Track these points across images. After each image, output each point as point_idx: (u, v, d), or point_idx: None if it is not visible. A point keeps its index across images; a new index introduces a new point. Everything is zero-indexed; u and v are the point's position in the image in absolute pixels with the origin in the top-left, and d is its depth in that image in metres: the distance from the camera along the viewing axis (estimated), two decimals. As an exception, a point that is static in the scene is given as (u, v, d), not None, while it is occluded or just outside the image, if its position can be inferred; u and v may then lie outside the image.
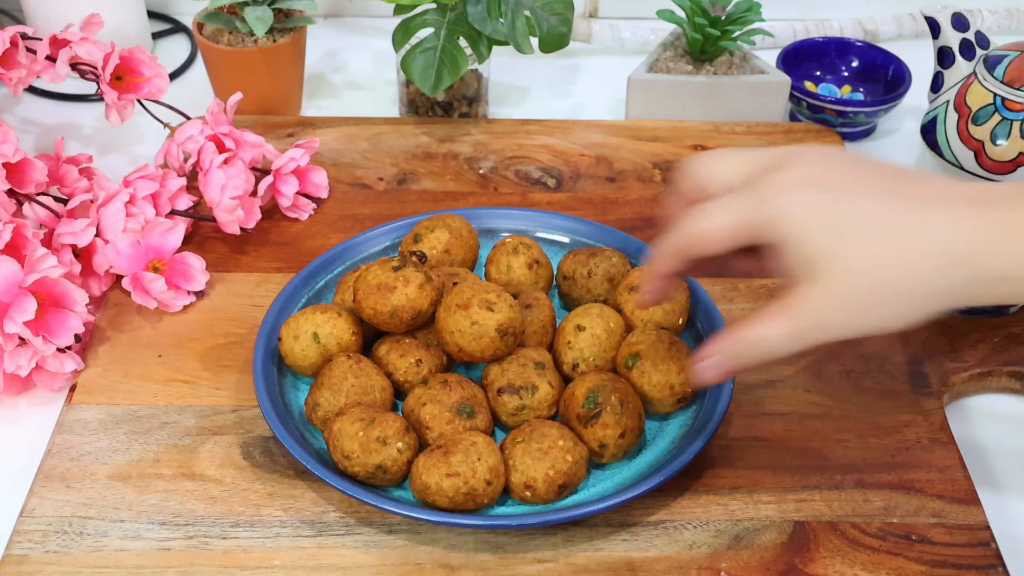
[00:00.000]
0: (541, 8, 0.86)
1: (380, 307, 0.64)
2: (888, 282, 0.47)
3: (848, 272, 0.48)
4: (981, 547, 0.60)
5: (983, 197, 0.48)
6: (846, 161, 0.51)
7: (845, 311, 0.48)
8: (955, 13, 0.87)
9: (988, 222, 0.47)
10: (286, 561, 0.59)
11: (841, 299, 0.48)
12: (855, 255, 0.47)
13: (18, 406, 0.70)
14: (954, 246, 0.47)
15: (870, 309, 0.48)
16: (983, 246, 0.46)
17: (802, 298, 0.49)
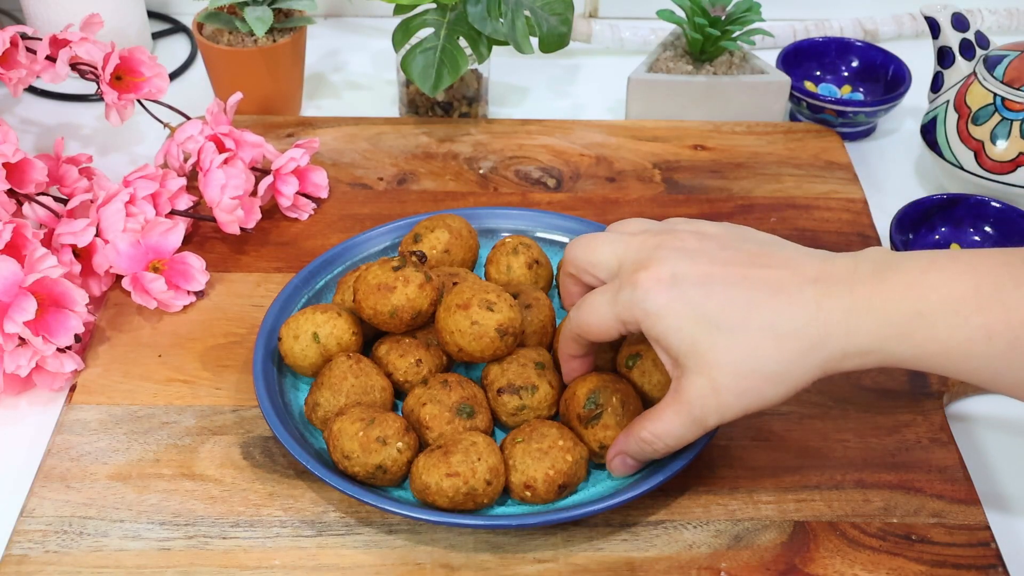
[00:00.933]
0: (541, 8, 0.86)
1: (380, 307, 0.64)
2: (755, 369, 0.52)
3: (718, 364, 0.52)
4: (981, 547, 0.60)
5: (826, 276, 0.52)
6: (707, 249, 0.55)
7: (724, 398, 0.53)
8: (955, 13, 0.87)
9: (837, 303, 0.51)
10: (286, 561, 0.59)
11: (718, 388, 0.53)
12: (722, 348, 0.52)
13: (18, 406, 0.70)
14: (810, 329, 0.51)
15: (744, 394, 0.53)
16: (837, 327, 0.51)
17: (684, 391, 0.54)
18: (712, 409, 0.54)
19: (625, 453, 0.58)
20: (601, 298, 0.57)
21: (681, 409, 0.54)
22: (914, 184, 0.91)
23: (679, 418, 0.55)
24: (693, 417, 0.54)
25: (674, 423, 0.55)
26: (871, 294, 0.51)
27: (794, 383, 0.52)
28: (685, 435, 0.55)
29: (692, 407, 0.54)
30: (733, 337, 0.52)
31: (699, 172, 0.88)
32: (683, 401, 0.54)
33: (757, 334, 0.52)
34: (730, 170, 0.88)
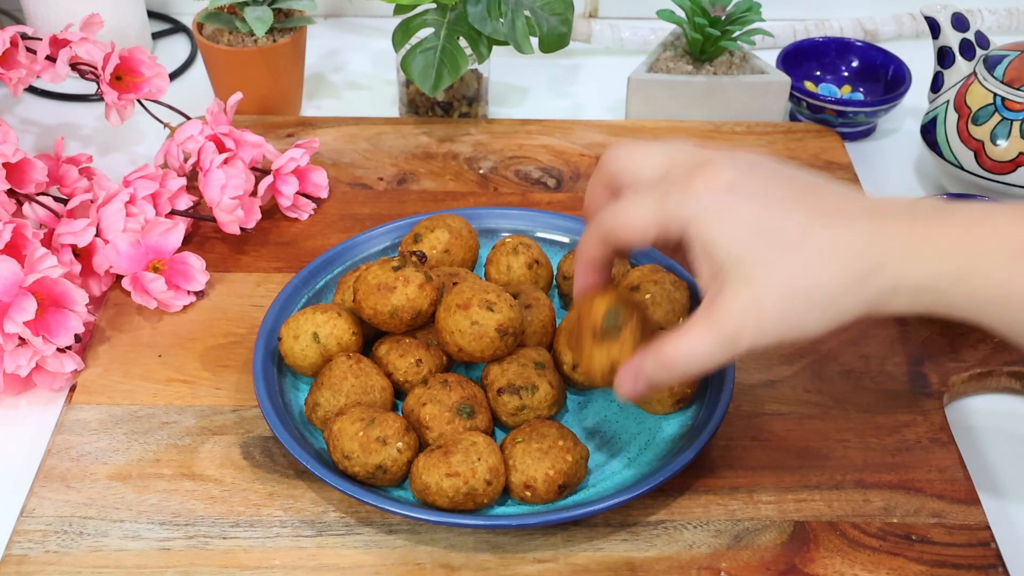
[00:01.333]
0: (541, 8, 0.86)
1: (380, 307, 0.64)
2: (804, 291, 0.48)
3: (766, 280, 0.48)
4: (981, 547, 0.60)
5: (883, 211, 0.50)
6: (763, 169, 0.51)
7: (765, 318, 0.48)
8: (955, 13, 0.87)
9: (894, 235, 0.48)
10: (286, 561, 0.59)
11: (761, 306, 0.48)
12: (773, 263, 0.48)
13: (18, 406, 0.70)
14: (865, 257, 0.48)
15: (787, 317, 0.48)
16: (892, 259, 0.48)
17: (722, 308, 0.49)
18: (750, 329, 0.48)
19: (641, 374, 0.52)
20: (643, 198, 0.51)
21: (715, 326, 0.49)
22: (914, 184, 0.91)
23: (711, 336, 0.49)
24: (726, 336, 0.49)
25: (704, 341, 0.49)
26: (929, 231, 0.48)
27: (839, 314, 0.48)
28: (713, 357, 0.49)
29: (728, 324, 0.48)
30: (785, 254, 0.48)
31: (699, 172, 0.88)
32: (718, 318, 0.49)
33: (811, 255, 0.48)
34: (730, 170, 0.88)
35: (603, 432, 0.65)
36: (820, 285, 0.48)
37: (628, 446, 0.64)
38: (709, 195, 0.49)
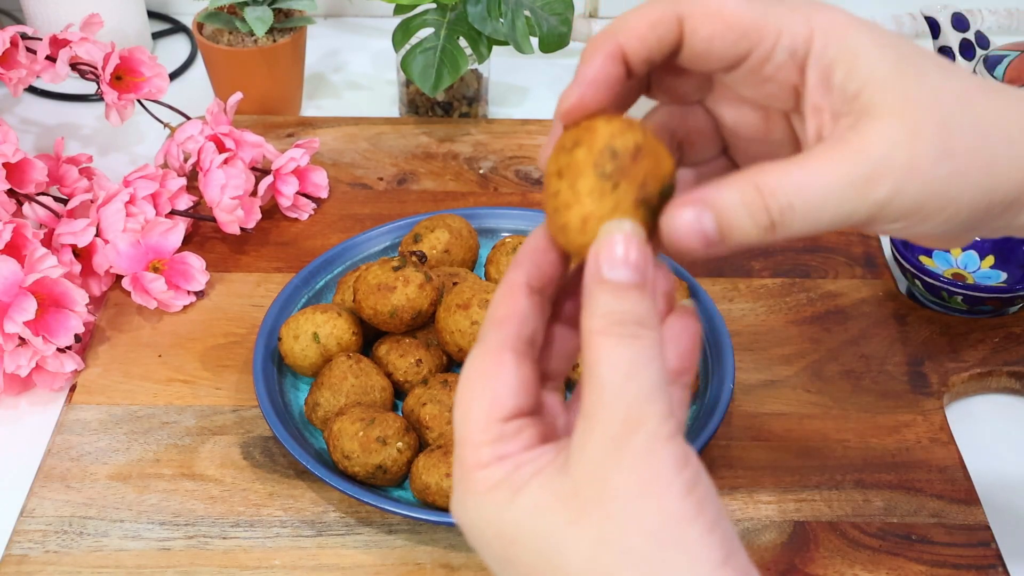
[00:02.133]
0: (541, 8, 0.86)
1: (380, 307, 0.64)
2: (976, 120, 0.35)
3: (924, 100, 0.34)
4: (981, 547, 0.60)
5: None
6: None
7: (921, 151, 0.34)
8: (955, 13, 0.87)
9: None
10: (286, 561, 0.59)
11: (917, 132, 0.34)
12: (935, 80, 0.35)
13: (18, 406, 0.70)
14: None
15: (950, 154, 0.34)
16: None
17: (863, 136, 0.34)
18: (896, 171, 0.34)
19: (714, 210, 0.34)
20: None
21: (849, 157, 0.34)
22: (914, 184, 0.91)
23: (839, 169, 0.34)
24: (861, 174, 0.34)
25: (826, 177, 0.34)
26: None
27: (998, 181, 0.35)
28: (832, 202, 0.34)
29: (867, 159, 0.34)
30: (948, 75, 0.35)
31: (699, 172, 0.88)
32: (856, 148, 0.34)
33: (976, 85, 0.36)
34: (730, 170, 0.88)
35: (603, 432, 0.65)
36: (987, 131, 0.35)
37: (628, 446, 0.64)
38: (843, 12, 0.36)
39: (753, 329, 0.73)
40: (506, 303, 0.36)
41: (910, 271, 0.73)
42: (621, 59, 0.36)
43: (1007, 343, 0.72)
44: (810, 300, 0.75)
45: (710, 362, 0.67)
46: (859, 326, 0.73)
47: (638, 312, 0.32)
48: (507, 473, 0.33)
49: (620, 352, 0.32)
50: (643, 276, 0.33)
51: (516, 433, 0.34)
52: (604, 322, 0.32)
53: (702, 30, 0.35)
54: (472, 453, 0.34)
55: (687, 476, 0.32)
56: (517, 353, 0.35)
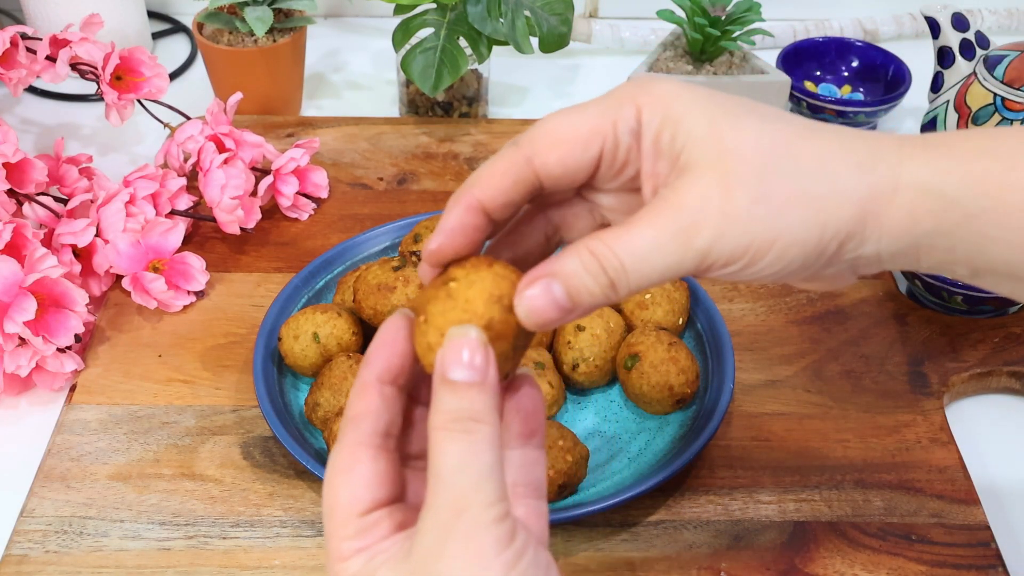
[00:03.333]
0: (541, 8, 0.86)
1: (380, 307, 0.64)
2: (786, 171, 0.36)
3: (739, 151, 0.36)
4: (981, 547, 0.60)
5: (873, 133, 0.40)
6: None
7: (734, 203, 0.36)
8: (955, 13, 0.87)
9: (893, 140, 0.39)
10: (286, 561, 0.59)
11: (729, 186, 0.36)
12: (750, 131, 0.37)
13: (18, 406, 0.70)
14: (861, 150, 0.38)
15: (761, 210, 0.36)
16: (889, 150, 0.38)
17: (679, 191, 0.36)
18: (712, 219, 0.36)
19: (554, 278, 0.36)
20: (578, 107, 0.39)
21: (667, 214, 0.36)
22: (914, 184, 0.91)
23: (659, 224, 0.36)
24: (680, 227, 0.36)
25: (649, 234, 0.36)
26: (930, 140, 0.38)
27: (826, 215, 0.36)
28: (657, 256, 0.36)
29: (684, 211, 0.36)
30: (765, 123, 0.37)
31: (699, 172, 0.88)
32: (673, 201, 0.36)
33: (795, 130, 0.37)
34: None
35: (603, 432, 0.65)
36: (806, 170, 0.37)
37: (628, 446, 0.64)
38: (668, 82, 0.39)
39: (753, 329, 0.73)
40: (359, 400, 0.38)
41: (910, 271, 0.73)
42: (479, 210, 0.39)
43: (1007, 343, 0.72)
44: (810, 300, 0.75)
45: (710, 362, 0.67)
46: (859, 326, 0.73)
47: (475, 408, 0.35)
48: (364, 563, 0.36)
49: (454, 446, 0.35)
50: (483, 375, 0.36)
51: (374, 525, 0.37)
52: (443, 419, 0.35)
53: (551, 159, 0.38)
54: (336, 547, 0.37)
55: (507, 556, 0.34)
56: (373, 448, 0.38)
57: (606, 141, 0.38)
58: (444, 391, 0.36)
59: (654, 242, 0.36)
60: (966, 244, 0.37)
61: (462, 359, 0.36)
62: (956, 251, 0.38)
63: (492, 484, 0.35)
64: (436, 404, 0.36)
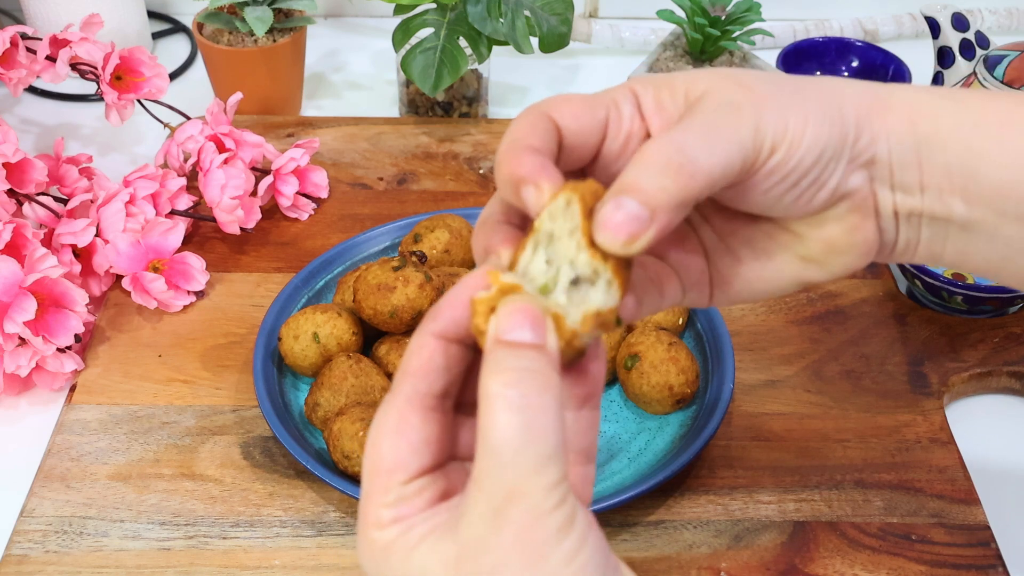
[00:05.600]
0: (541, 8, 0.86)
1: (380, 307, 0.64)
2: (804, 82, 0.39)
3: (755, 75, 0.39)
4: (981, 547, 0.60)
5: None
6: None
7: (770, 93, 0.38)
8: (955, 13, 0.87)
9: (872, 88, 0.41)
10: (286, 561, 0.59)
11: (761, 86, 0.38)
12: (753, 72, 0.39)
13: (18, 406, 0.70)
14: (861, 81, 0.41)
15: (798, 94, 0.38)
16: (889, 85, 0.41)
17: (710, 96, 0.38)
18: (748, 101, 0.37)
19: (621, 194, 0.34)
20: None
21: (705, 107, 0.37)
22: (914, 184, 0.91)
23: (702, 115, 0.37)
24: (723, 111, 0.37)
25: (697, 121, 0.37)
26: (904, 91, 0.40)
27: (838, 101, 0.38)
28: (715, 136, 0.36)
29: (721, 103, 0.37)
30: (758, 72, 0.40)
31: (699, 172, 0.88)
32: (706, 103, 0.37)
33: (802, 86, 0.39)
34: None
35: (603, 432, 0.65)
36: (808, 80, 0.40)
37: (628, 446, 0.64)
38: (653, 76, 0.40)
39: (753, 329, 0.73)
40: (418, 355, 0.35)
41: (910, 271, 0.73)
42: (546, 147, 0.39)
43: (1007, 343, 0.72)
44: (810, 300, 0.75)
45: (710, 362, 0.67)
46: (859, 326, 0.73)
47: (536, 370, 0.32)
48: (401, 532, 0.34)
49: (514, 420, 0.31)
50: (542, 339, 0.33)
51: (416, 494, 0.34)
52: (500, 380, 0.32)
53: (565, 112, 0.39)
54: (372, 511, 0.34)
55: (568, 545, 0.31)
56: (425, 408, 0.35)
57: (610, 109, 0.39)
58: (500, 349, 0.32)
59: (706, 125, 0.36)
60: (960, 161, 0.39)
61: (521, 321, 0.33)
62: (952, 173, 0.39)
63: (555, 466, 0.31)
64: (491, 364, 0.32)
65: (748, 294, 0.43)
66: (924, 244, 0.41)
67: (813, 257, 0.41)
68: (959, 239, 0.41)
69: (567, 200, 0.35)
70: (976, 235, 0.40)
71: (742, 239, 0.42)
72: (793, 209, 0.40)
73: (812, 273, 0.42)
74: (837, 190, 0.39)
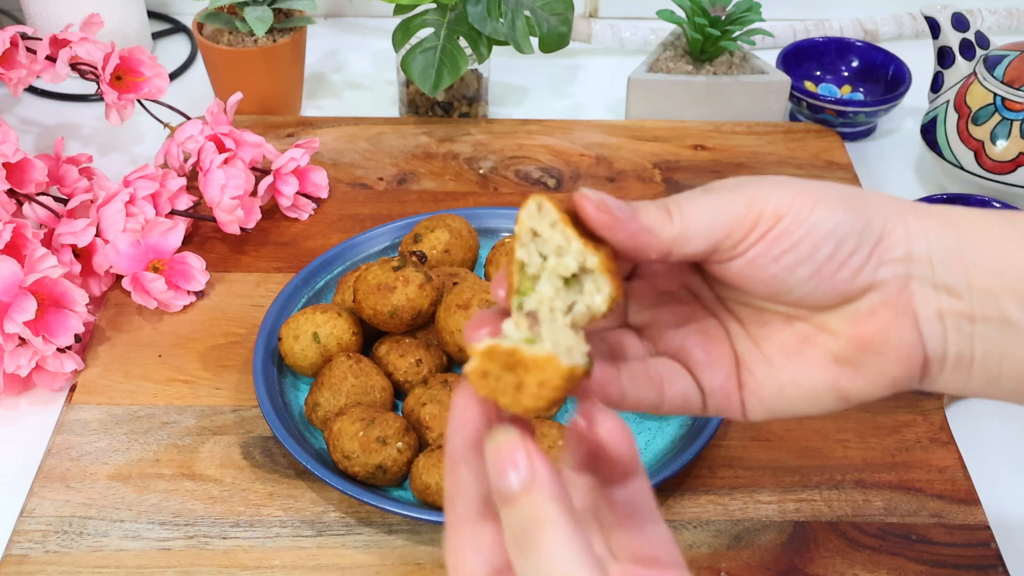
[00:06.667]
0: (541, 8, 0.86)
1: (380, 307, 0.64)
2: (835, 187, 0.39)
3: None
4: (981, 547, 0.60)
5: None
6: None
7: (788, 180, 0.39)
8: (955, 13, 0.87)
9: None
10: (286, 561, 0.59)
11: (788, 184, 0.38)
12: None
13: (18, 406, 0.70)
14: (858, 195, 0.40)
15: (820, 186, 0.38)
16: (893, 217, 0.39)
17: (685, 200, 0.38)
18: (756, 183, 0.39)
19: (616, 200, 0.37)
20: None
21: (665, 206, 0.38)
22: (914, 184, 0.91)
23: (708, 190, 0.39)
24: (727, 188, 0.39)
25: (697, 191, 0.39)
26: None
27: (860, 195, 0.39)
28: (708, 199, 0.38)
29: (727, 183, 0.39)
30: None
31: (699, 172, 0.88)
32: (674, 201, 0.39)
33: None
34: (730, 170, 0.88)
35: (603, 432, 0.65)
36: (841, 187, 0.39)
37: (628, 446, 0.64)
38: None
39: (753, 329, 0.73)
40: (447, 479, 0.37)
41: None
42: None
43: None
44: (810, 300, 0.75)
45: (710, 362, 0.67)
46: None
47: (536, 516, 0.33)
48: None
49: (527, 567, 0.33)
50: (531, 473, 0.34)
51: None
52: (511, 541, 0.34)
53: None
54: None
55: None
56: (473, 521, 0.36)
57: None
58: (501, 506, 0.34)
59: (705, 190, 0.38)
60: (1011, 261, 0.37)
61: (503, 467, 0.34)
62: (1003, 273, 0.37)
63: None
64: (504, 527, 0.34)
65: (783, 402, 0.41)
66: (979, 362, 0.38)
67: (847, 357, 0.40)
68: (1018, 356, 0.38)
69: (537, 204, 0.36)
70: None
71: (777, 343, 0.41)
72: (815, 289, 0.38)
73: (849, 380, 0.40)
74: (862, 276, 0.38)
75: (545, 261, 0.36)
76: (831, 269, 0.38)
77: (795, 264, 0.37)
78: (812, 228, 0.37)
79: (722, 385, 0.41)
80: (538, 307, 0.36)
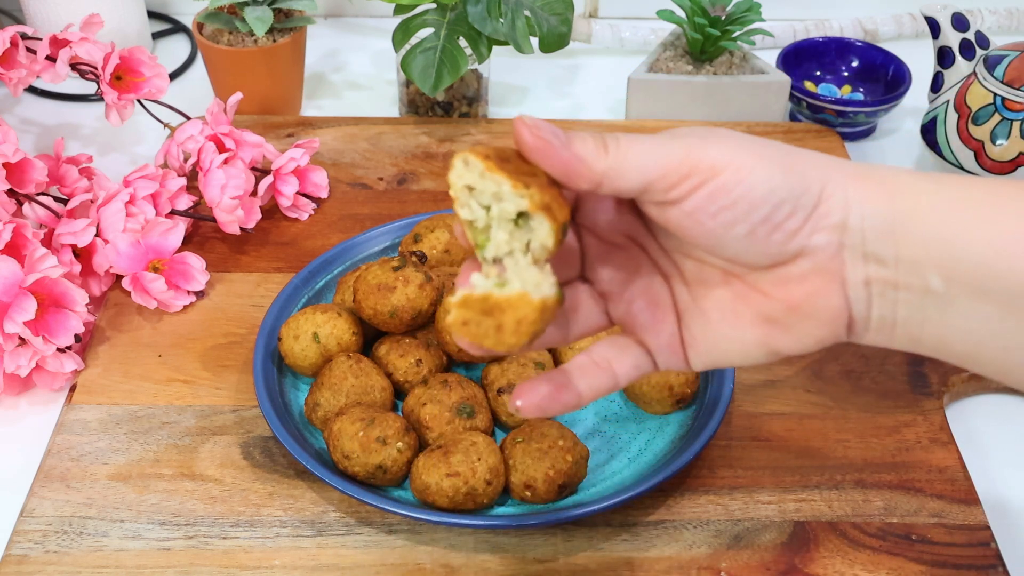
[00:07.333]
0: (541, 8, 0.86)
1: (380, 307, 0.64)
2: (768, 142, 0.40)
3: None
4: (981, 547, 0.60)
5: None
6: None
7: (725, 133, 0.40)
8: (955, 13, 0.87)
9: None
10: (286, 561, 0.59)
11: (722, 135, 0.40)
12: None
13: (18, 406, 0.70)
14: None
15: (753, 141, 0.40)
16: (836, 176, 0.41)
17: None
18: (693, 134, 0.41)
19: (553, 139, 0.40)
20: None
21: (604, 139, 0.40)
22: (914, 184, 0.91)
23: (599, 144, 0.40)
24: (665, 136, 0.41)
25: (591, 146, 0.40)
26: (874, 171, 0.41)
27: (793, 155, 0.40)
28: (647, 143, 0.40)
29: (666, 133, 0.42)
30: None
31: (699, 172, 0.88)
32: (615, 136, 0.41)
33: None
34: (730, 170, 0.88)
35: (603, 432, 0.65)
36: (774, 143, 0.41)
37: (628, 446, 0.64)
38: None
39: (753, 329, 0.73)
40: None
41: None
42: None
43: (1007, 343, 0.72)
44: (810, 300, 0.75)
45: (710, 362, 0.67)
46: (859, 326, 0.73)
47: None
48: None
49: None
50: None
51: None
52: None
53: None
54: None
55: None
56: None
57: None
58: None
59: (647, 136, 0.40)
60: (939, 235, 0.39)
61: None
62: (930, 246, 0.39)
63: None
64: None
65: (720, 355, 0.44)
66: (901, 324, 0.41)
67: (777, 317, 0.41)
68: (937, 321, 0.40)
69: (463, 159, 0.39)
70: (953, 315, 0.39)
71: (713, 300, 0.43)
72: (749, 248, 0.40)
73: (778, 338, 0.42)
74: (796, 240, 0.40)
75: (489, 211, 0.38)
76: (766, 230, 0.39)
77: (732, 222, 0.39)
78: (750, 188, 0.39)
79: (668, 343, 0.44)
80: (499, 252, 0.38)
